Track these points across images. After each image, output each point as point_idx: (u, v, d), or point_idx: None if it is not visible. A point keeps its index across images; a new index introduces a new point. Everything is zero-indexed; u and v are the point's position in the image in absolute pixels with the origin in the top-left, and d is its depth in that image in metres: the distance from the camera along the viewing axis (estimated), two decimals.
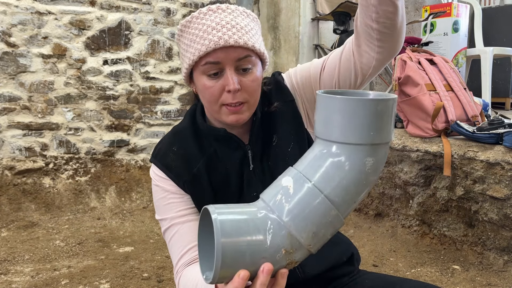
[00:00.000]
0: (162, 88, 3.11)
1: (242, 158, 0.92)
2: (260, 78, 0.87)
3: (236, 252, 0.59)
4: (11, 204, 2.60)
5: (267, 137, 0.93)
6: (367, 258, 2.08)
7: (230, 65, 0.82)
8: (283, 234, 0.60)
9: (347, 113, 0.58)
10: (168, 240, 0.93)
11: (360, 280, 0.96)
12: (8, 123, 2.71)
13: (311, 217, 0.60)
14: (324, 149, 0.61)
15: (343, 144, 0.60)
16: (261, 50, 0.86)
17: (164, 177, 0.92)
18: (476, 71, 3.31)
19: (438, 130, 2.15)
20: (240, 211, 0.63)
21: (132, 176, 2.97)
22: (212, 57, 0.81)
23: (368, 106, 0.58)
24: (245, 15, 0.85)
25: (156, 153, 0.95)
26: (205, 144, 0.93)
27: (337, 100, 0.59)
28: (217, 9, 0.83)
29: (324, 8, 3.12)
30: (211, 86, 0.83)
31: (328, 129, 0.60)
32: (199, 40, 0.81)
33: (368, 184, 0.62)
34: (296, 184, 0.62)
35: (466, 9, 3.22)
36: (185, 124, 0.95)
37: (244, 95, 0.84)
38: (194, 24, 0.84)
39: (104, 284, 1.84)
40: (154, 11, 3.05)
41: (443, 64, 2.37)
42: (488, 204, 1.91)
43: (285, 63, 3.27)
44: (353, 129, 0.58)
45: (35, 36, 2.73)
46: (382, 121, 0.59)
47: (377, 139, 0.59)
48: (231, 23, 0.81)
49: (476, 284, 1.81)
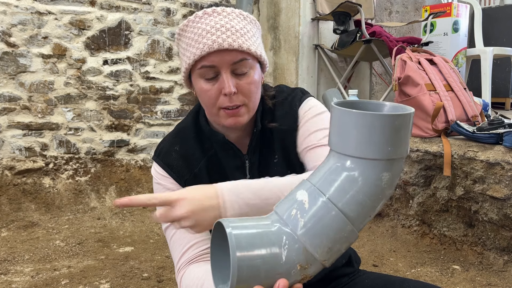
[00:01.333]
0: (162, 88, 3.11)
1: (239, 167, 0.92)
2: (258, 81, 0.87)
3: (251, 267, 0.58)
4: (11, 204, 2.60)
5: (267, 152, 0.93)
6: (367, 258, 2.08)
7: (226, 68, 0.82)
8: (298, 249, 0.60)
9: (364, 128, 0.56)
10: (170, 238, 0.93)
11: (360, 280, 0.96)
12: (8, 123, 2.71)
13: (326, 233, 0.59)
14: (339, 163, 0.60)
15: (360, 158, 0.58)
16: (258, 53, 0.85)
17: (165, 175, 0.93)
18: (476, 71, 3.31)
19: (438, 130, 2.15)
20: (254, 225, 0.62)
21: (132, 176, 2.97)
22: (207, 60, 0.81)
23: (385, 121, 0.56)
24: (241, 18, 0.85)
25: (159, 152, 0.96)
26: (207, 145, 0.93)
27: (354, 115, 0.57)
28: (213, 12, 0.83)
29: (324, 8, 3.11)
30: (208, 90, 0.83)
31: (343, 142, 0.59)
32: (194, 44, 0.82)
33: (383, 198, 0.61)
34: (311, 199, 0.61)
35: (466, 9, 3.22)
36: (188, 124, 0.96)
37: (241, 98, 0.84)
38: (190, 28, 0.84)
39: (104, 284, 1.84)
40: (154, 11, 3.05)
41: (443, 64, 2.37)
42: (488, 204, 1.91)
43: (285, 63, 3.27)
44: (369, 144, 0.56)
45: (35, 36, 2.73)
46: (400, 136, 0.57)
47: (393, 154, 0.57)
48: (226, 26, 0.81)
49: (476, 284, 1.81)
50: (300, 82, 3.17)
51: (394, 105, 0.62)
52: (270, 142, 0.93)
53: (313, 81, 3.23)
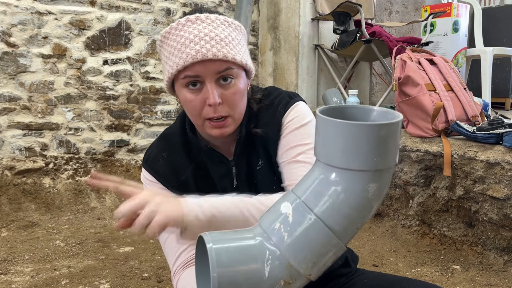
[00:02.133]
0: (162, 88, 3.11)
1: (225, 174, 0.91)
2: (244, 90, 0.85)
3: (232, 283, 0.57)
4: (11, 204, 2.60)
5: (252, 157, 0.92)
6: (367, 258, 2.08)
7: (210, 78, 0.79)
8: (281, 264, 0.58)
9: (349, 138, 0.54)
10: (163, 242, 0.93)
11: (359, 279, 0.96)
12: (8, 123, 2.71)
13: (310, 247, 0.57)
14: (324, 174, 0.58)
15: (345, 170, 0.55)
16: (243, 62, 0.82)
17: (153, 180, 0.93)
18: (476, 71, 3.31)
19: (438, 130, 2.15)
20: (235, 238, 0.61)
21: (132, 176, 2.97)
22: (191, 70, 0.79)
23: (371, 131, 0.53)
24: (226, 25, 0.82)
25: (147, 157, 0.96)
26: (193, 151, 0.93)
27: (338, 124, 0.54)
28: (196, 20, 0.80)
29: (324, 8, 3.11)
30: (192, 100, 0.81)
31: (328, 153, 0.56)
32: (177, 53, 0.79)
33: (371, 210, 0.59)
34: (296, 212, 0.58)
35: (466, 9, 3.22)
36: (175, 130, 0.95)
37: (226, 109, 0.82)
38: (172, 35, 0.81)
39: (104, 284, 1.84)
40: (154, 11, 3.05)
41: (443, 64, 2.37)
42: (488, 204, 1.91)
43: (285, 63, 3.27)
44: (355, 155, 0.54)
45: (35, 36, 2.74)
46: (387, 146, 0.55)
47: (381, 165, 0.55)
48: (210, 34, 0.78)
49: (476, 284, 1.81)
50: (300, 82, 3.17)
51: (382, 110, 0.60)
52: (254, 148, 0.92)
53: (313, 81, 3.23)
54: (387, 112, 0.59)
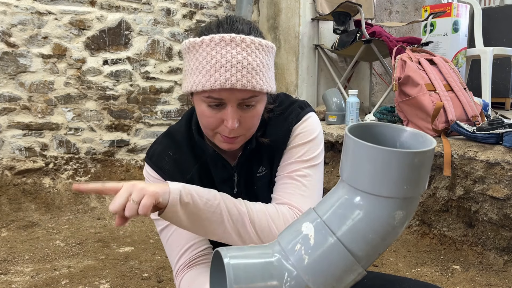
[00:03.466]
0: (162, 88, 3.11)
1: (226, 179, 0.92)
2: (262, 110, 0.84)
3: None
4: (11, 204, 2.60)
5: (254, 165, 0.92)
6: None
7: (233, 102, 0.78)
8: (300, 287, 0.56)
9: (380, 164, 0.51)
10: (166, 240, 0.92)
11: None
12: (8, 123, 2.71)
13: (331, 271, 0.55)
14: (349, 196, 0.55)
15: (372, 195, 0.53)
16: (269, 90, 0.81)
17: (157, 177, 0.93)
18: (476, 71, 3.31)
19: (438, 130, 2.15)
20: (254, 255, 0.59)
21: (132, 176, 2.97)
22: (216, 94, 0.77)
23: (404, 158, 0.51)
24: (259, 50, 0.78)
25: (151, 154, 0.95)
26: (199, 151, 0.93)
27: (369, 149, 0.52)
28: (231, 42, 0.76)
29: (324, 8, 3.11)
30: (210, 116, 0.80)
31: (356, 176, 0.54)
32: (205, 73, 0.76)
33: (395, 236, 0.57)
34: (318, 234, 0.56)
35: (466, 9, 3.22)
36: (181, 128, 0.95)
37: (241, 130, 0.81)
38: (203, 51, 0.77)
39: (104, 284, 1.84)
40: (154, 11, 3.05)
41: (443, 64, 2.37)
42: (488, 204, 1.91)
43: (285, 63, 3.27)
44: (384, 181, 0.51)
45: (35, 36, 2.74)
46: (419, 174, 0.52)
47: (410, 193, 0.53)
48: (242, 62, 0.75)
49: (476, 284, 1.81)
50: (300, 82, 3.17)
51: (414, 132, 0.57)
52: (259, 155, 0.92)
53: (313, 81, 3.23)
54: (419, 134, 0.56)
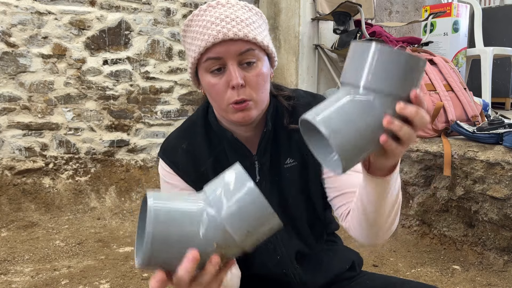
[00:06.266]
0: (162, 88, 3.11)
1: (248, 167, 0.88)
2: (267, 74, 0.84)
3: (165, 241, 0.58)
4: (11, 204, 2.60)
5: (279, 154, 0.90)
6: (367, 258, 2.08)
7: (233, 59, 0.79)
8: (217, 229, 0.60)
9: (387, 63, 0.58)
10: None
11: (361, 280, 0.96)
12: (8, 123, 2.70)
13: (248, 217, 0.59)
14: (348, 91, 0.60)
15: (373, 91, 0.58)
16: (265, 43, 0.82)
17: (172, 172, 0.91)
18: (476, 71, 3.31)
19: (438, 130, 2.15)
20: (179, 200, 0.63)
21: (132, 176, 2.97)
22: (213, 52, 0.79)
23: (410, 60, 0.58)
24: (246, 9, 0.83)
25: (165, 148, 0.93)
26: (215, 142, 0.91)
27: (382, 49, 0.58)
28: (217, 5, 0.82)
29: (324, 8, 3.11)
30: (216, 83, 0.81)
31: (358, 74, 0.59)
32: (199, 36, 0.80)
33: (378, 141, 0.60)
34: (237, 182, 0.61)
35: (466, 9, 3.22)
36: (197, 119, 0.94)
37: (249, 91, 0.81)
38: (194, 22, 0.83)
39: (104, 284, 1.84)
40: (154, 11, 3.05)
41: (443, 64, 2.37)
42: (488, 204, 1.91)
43: (285, 63, 3.27)
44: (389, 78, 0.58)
45: (35, 36, 2.73)
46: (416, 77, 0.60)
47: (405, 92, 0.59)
48: (231, 16, 0.79)
49: (476, 284, 1.81)
50: (300, 82, 3.17)
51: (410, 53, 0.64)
52: (286, 145, 0.90)
53: (313, 81, 3.23)
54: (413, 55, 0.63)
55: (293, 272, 0.92)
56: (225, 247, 0.60)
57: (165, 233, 0.58)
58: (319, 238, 0.96)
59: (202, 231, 0.60)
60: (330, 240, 1.01)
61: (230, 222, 0.59)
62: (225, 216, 0.60)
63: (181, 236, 0.59)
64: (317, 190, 0.91)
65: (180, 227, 0.59)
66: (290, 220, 0.91)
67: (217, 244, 0.60)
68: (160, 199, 0.61)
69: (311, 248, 0.94)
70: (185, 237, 0.59)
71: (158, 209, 0.59)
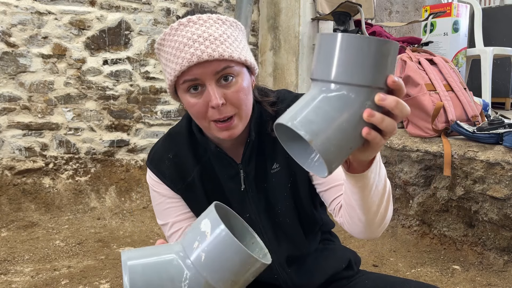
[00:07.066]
0: (162, 88, 3.11)
1: (233, 176, 0.90)
2: (247, 87, 0.82)
3: None
4: (11, 204, 2.60)
5: (264, 161, 0.90)
6: (367, 258, 2.08)
7: (210, 79, 0.77)
8: (199, 285, 0.57)
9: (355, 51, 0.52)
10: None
11: (360, 280, 0.96)
12: (8, 123, 2.70)
13: (228, 267, 0.57)
14: (321, 89, 0.55)
15: (346, 84, 0.53)
16: (242, 58, 0.79)
17: (159, 181, 0.91)
18: (476, 71, 3.31)
19: (438, 130, 2.15)
20: (153, 255, 0.60)
21: (132, 176, 2.97)
22: (189, 74, 0.77)
23: (376, 44, 0.52)
24: (219, 23, 0.79)
25: (152, 157, 0.94)
26: (200, 152, 0.91)
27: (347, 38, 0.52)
28: (188, 22, 0.78)
29: (324, 8, 3.11)
30: (195, 103, 0.79)
31: (329, 68, 0.54)
32: (173, 59, 0.77)
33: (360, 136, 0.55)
34: (213, 229, 0.58)
35: (466, 9, 3.22)
36: (181, 129, 0.93)
37: (231, 108, 0.79)
38: (167, 41, 0.79)
39: (104, 284, 1.84)
40: (154, 11, 3.05)
41: (443, 64, 2.37)
42: (488, 204, 1.91)
43: (285, 63, 3.27)
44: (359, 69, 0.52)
45: (35, 36, 2.73)
46: (388, 63, 0.54)
47: (379, 82, 0.53)
48: (203, 35, 0.76)
49: (476, 284, 1.81)
50: (300, 82, 3.17)
51: (379, 38, 0.58)
52: (271, 151, 0.89)
53: None
54: (383, 38, 0.58)
55: (284, 276, 0.92)
56: None
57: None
58: (312, 239, 0.96)
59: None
60: (326, 239, 1.01)
61: (212, 275, 0.57)
62: (205, 270, 0.57)
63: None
64: (305, 190, 0.91)
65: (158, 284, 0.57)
66: (279, 225, 0.91)
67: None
68: (134, 257, 0.58)
69: (303, 250, 0.94)
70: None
71: (134, 270, 0.57)
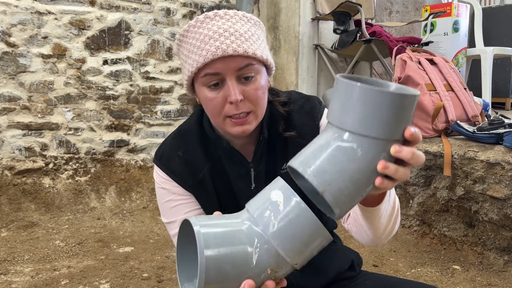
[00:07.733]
0: (162, 88, 3.11)
1: (244, 175, 0.89)
2: (265, 86, 0.83)
3: (220, 269, 0.56)
4: (11, 204, 2.60)
5: (276, 161, 0.90)
6: (367, 258, 2.08)
7: (231, 75, 0.77)
8: (269, 252, 0.58)
9: (372, 104, 0.52)
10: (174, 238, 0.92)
11: (361, 281, 0.96)
12: (8, 123, 2.70)
13: (299, 237, 0.58)
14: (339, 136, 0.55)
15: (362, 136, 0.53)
16: (264, 57, 0.80)
17: (168, 179, 0.90)
18: (476, 71, 3.31)
19: (438, 130, 2.15)
20: (223, 223, 0.60)
21: (132, 176, 2.97)
22: (211, 68, 0.77)
23: (395, 99, 0.52)
24: (245, 20, 0.79)
25: (161, 155, 0.92)
26: (211, 149, 0.90)
27: (364, 90, 0.52)
28: (215, 16, 0.78)
29: (324, 8, 3.11)
30: (213, 98, 0.79)
31: (346, 116, 0.54)
32: (196, 50, 0.77)
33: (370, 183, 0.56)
34: (286, 201, 0.58)
35: (466, 9, 3.22)
36: (191, 126, 0.93)
37: (248, 105, 0.79)
38: (191, 33, 0.79)
39: (104, 284, 1.83)
40: (154, 11, 3.05)
41: (443, 64, 2.37)
42: (488, 204, 1.91)
43: (285, 63, 3.27)
44: (375, 122, 0.52)
45: (35, 36, 2.73)
46: (406, 117, 0.54)
47: (397, 135, 0.54)
48: (229, 30, 0.76)
49: (476, 284, 1.81)
50: (300, 82, 3.17)
51: (399, 86, 0.59)
52: (282, 151, 0.89)
53: (313, 81, 3.23)
54: (403, 87, 0.57)
55: (290, 277, 0.92)
56: (277, 270, 0.59)
57: (218, 259, 0.56)
58: None
59: (255, 257, 0.58)
60: None
61: (282, 245, 0.57)
62: (276, 240, 0.57)
63: (234, 262, 0.57)
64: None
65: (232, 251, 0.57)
66: None
67: (271, 269, 0.58)
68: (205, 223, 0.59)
69: None
70: (238, 263, 0.57)
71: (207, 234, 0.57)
